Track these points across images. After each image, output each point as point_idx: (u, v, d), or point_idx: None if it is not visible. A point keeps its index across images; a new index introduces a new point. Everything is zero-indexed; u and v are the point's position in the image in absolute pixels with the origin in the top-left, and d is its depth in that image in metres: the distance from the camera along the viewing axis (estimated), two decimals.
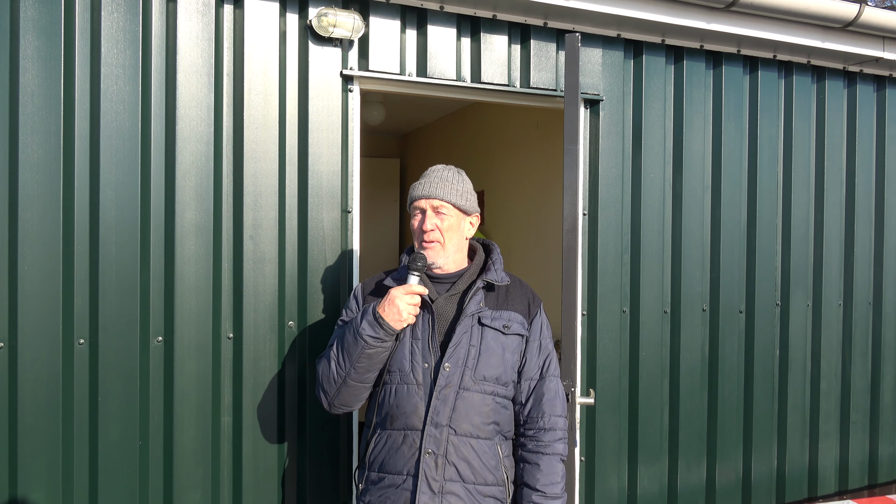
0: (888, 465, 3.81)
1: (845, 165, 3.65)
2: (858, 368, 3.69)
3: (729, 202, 3.34)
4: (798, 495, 3.55)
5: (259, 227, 2.51)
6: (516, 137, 4.15)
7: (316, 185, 2.59)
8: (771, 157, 3.44)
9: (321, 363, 1.92)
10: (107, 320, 2.32)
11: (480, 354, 1.85)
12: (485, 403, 1.85)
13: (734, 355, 3.37)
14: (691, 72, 3.25)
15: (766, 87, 3.42)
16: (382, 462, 1.86)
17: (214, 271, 2.46)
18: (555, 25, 2.95)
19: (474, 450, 1.83)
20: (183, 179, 2.41)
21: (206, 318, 2.45)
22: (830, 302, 3.61)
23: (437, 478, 1.79)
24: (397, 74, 2.70)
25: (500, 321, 1.90)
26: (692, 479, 3.29)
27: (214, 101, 2.45)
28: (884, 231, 3.74)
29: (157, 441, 2.40)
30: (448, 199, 1.89)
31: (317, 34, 2.56)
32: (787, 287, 3.50)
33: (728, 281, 3.35)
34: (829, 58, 3.48)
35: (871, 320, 3.73)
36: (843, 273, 3.65)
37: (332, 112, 2.61)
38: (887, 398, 3.78)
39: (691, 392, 3.27)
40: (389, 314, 1.79)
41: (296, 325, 2.58)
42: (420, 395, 1.82)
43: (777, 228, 3.47)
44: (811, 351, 3.57)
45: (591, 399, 2.14)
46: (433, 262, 1.90)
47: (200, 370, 2.44)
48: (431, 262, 1.89)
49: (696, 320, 3.28)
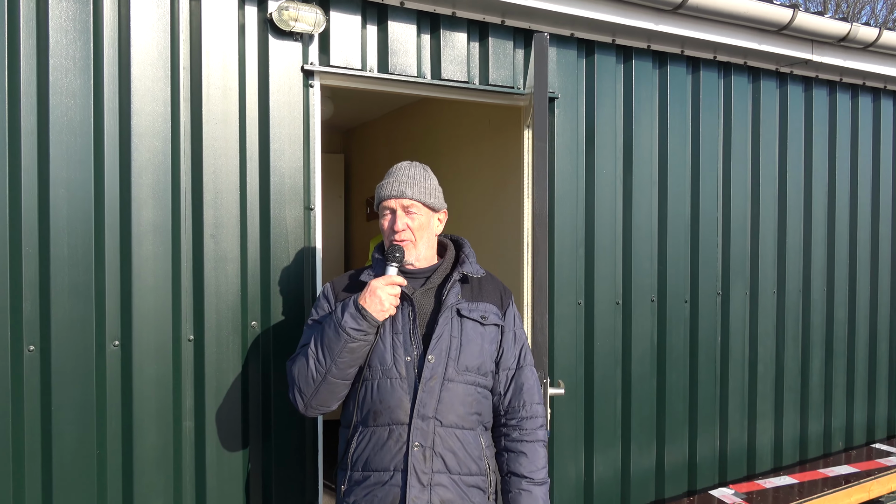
0: (815, 442, 4.08)
1: (777, 162, 3.87)
2: (790, 352, 3.94)
3: (674, 197, 3.49)
4: (738, 473, 3.76)
5: (220, 225, 2.44)
6: (467, 133, 4.18)
7: (278, 182, 2.54)
8: (712, 154, 3.61)
9: (296, 364, 1.89)
10: (59, 325, 2.21)
11: (462, 345, 1.87)
12: (468, 394, 1.88)
13: (680, 343, 3.53)
14: (639, 71, 3.37)
15: (707, 86, 3.59)
16: (367, 460, 1.85)
17: (174, 271, 2.38)
18: (512, 24, 2.99)
19: (459, 440, 1.86)
20: (139, 176, 2.31)
21: (166, 320, 2.37)
22: (766, 290, 3.83)
23: (425, 470, 1.81)
24: (359, 70, 2.68)
25: (478, 312, 1.93)
26: (644, 462, 3.43)
27: (171, 96, 2.36)
28: (811, 223, 4.00)
29: (116, 449, 2.31)
30: (417, 198, 1.91)
31: (277, 28, 2.50)
32: (727, 277, 3.68)
33: (674, 272, 3.50)
34: (764, 59, 3.67)
35: (801, 307, 3.98)
36: (776, 263, 3.87)
37: (294, 108, 2.56)
38: (815, 379, 4.05)
39: (642, 379, 3.41)
40: (372, 305, 1.79)
41: (259, 325, 2.53)
42: (404, 389, 1.83)
43: (718, 221, 3.65)
44: (749, 337, 3.78)
45: (561, 390, 2.20)
46: (405, 260, 1.91)
47: (160, 374, 2.36)
48: (406, 258, 1.90)
49: (646, 310, 3.42)
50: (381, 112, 5.12)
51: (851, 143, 4.16)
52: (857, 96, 4.16)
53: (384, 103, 4.77)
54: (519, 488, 1.91)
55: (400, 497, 1.79)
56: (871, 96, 4.22)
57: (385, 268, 1.87)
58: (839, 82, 4.06)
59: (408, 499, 1.78)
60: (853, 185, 4.18)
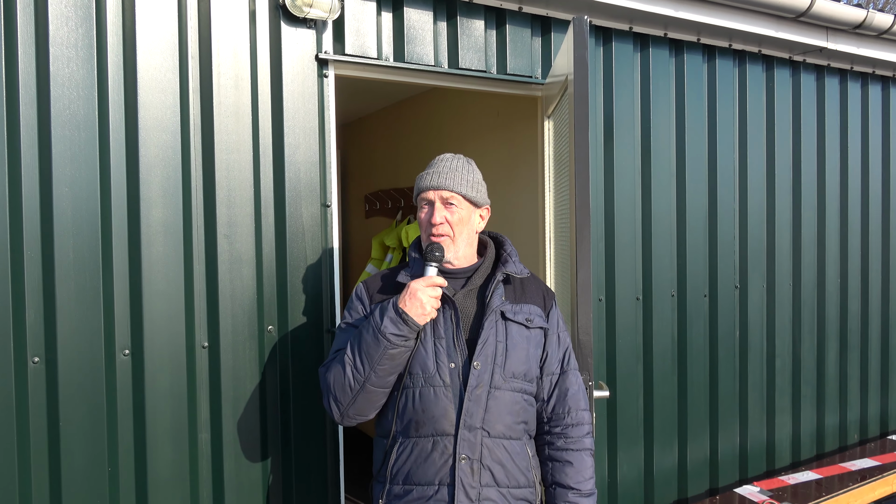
0: (832, 435, 4.03)
1: (791, 152, 3.80)
2: (807, 345, 3.88)
3: (693, 189, 3.40)
4: (758, 469, 3.69)
5: (234, 224, 2.30)
6: (473, 126, 4.06)
7: (293, 178, 2.40)
8: (728, 145, 3.53)
9: (331, 371, 1.76)
10: (65, 334, 2.05)
11: (507, 350, 1.76)
12: (515, 402, 1.76)
13: (700, 338, 3.45)
14: (656, 60, 3.27)
15: (723, 75, 3.50)
16: (408, 473, 1.72)
17: (186, 274, 2.23)
18: (530, 10, 2.88)
19: (507, 451, 1.74)
20: (148, 173, 2.16)
21: (179, 326, 2.22)
22: (782, 283, 3.76)
23: (473, 484, 1.69)
24: (374, 59, 2.55)
25: (522, 315, 1.81)
26: (666, 461, 3.34)
27: (180, 87, 2.21)
28: (825, 214, 3.94)
29: (128, 465, 2.16)
30: (458, 191, 1.78)
31: (290, 14, 2.36)
32: (744, 270, 3.61)
33: (694, 266, 3.41)
34: (778, 47, 3.60)
35: (815, 299, 3.92)
36: (791, 255, 3.81)
37: (308, 98, 2.43)
38: (831, 371, 3.99)
39: (664, 375, 3.32)
40: (412, 308, 1.66)
41: (276, 330, 2.39)
42: (449, 398, 1.71)
43: (735, 213, 3.57)
44: (766, 331, 3.71)
45: (605, 392, 2.09)
46: (444, 258, 1.78)
47: (174, 385, 2.21)
48: (448, 257, 1.78)
49: (666, 306, 3.33)
50: (379, 105, 4.97)
51: (862, 133, 4.11)
52: (867, 85, 4.11)
53: (384, 96, 4.63)
54: (565, 500, 1.80)
55: None
56: (880, 85, 4.17)
57: (424, 268, 1.75)
58: (850, 70, 4.00)
59: None
60: (864, 176, 4.13)
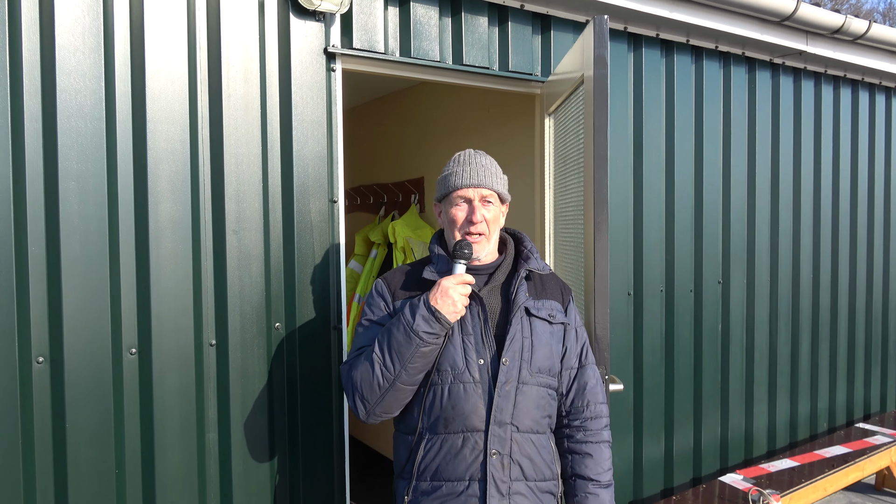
0: (804, 424, 4.20)
1: (770, 152, 3.93)
2: (783, 337, 4.02)
3: (681, 187, 3.48)
4: (737, 458, 3.82)
5: (243, 220, 2.25)
6: (461, 121, 4.06)
7: (302, 173, 2.37)
8: (713, 144, 3.63)
9: (357, 370, 1.75)
10: (71, 333, 1.98)
11: (533, 346, 1.78)
12: (541, 397, 1.79)
13: (687, 332, 3.54)
14: (649, 60, 3.33)
15: (710, 76, 3.59)
16: (437, 469, 1.73)
17: (195, 271, 2.18)
18: (531, 8, 2.89)
19: (535, 445, 1.77)
20: (156, 167, 2.10)
21: (187, 324, 2.17)
22: (761, 279, 3.89)
23: (504, 479, 1.71)
24: (381, 54, 2.53)
25: (545, 311, 1.84)
26: (654, 452, 3.43)
27: (189, 78, 2.15)
28: (800, 212, 4.09)
29: (135, 467, 2.10)
30: (495, 188, 1.80)
31: (299, 6, 2.32)
32: (727, 266, 3.72)
33: (681, 262, 3.50)
34: (761, 50, 3.71)
35: (791, 294, 4.07)
36: (770, 251, 3.94)
37: (317, 92, 2.39)
38: (804, 363, 4.16)
39: (652, 369, 3.40)
40: (444, 306, 1.67)
41: (283, 327, 2.36)
42: (479, 394, 1.72)
43: (719, 211, 3.67)
44: (746, 324, 3.84)
45: (620, 386, 2.13)
46: (476, 255, 1.79)
47: (182, 383, 2.16)
48: (476, 254, 1.79)
49: (656, 301, 3.41)
50: (363, 100, 4.93)
51: (833, 134, 4.27)
52: (838, 88, 4.27)
53: (368, 91, 4.59)
54: (585, 492, 1.84)
55: None
56: (850, 88, 4.34)
57: (453, 265, 1.75)
58: (824, 74, 4.16)
59: None
60: (835, 175, 4.29)
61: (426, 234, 4.28)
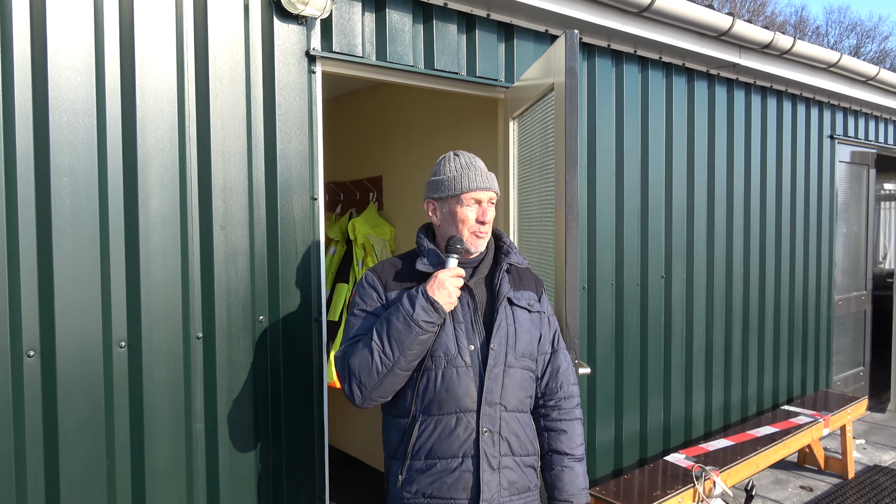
0: (736, 408, 4.55)
1: (707, 157, 4.25)
2: (718, 328, 4.36)
3: (629, 188, 3.74)
4: (678, 440, 4.12)
5: (229, 216, 2.32)
6: (421, 123, 4.19)
7: (285, 171, 2.45)
8: (658, 148, 3.90)
9: (355, 357, 1.84)
10: (62, 328, 2.01)
11: (517, 333, 1.94)
12: (524, 378, 1.96)
13: (634, 323, 3.80)
14: (601, 68, 3.57)
15: (654, 84, 3.86)
16: (431, 448, 1.86)
17: (183, 266, 2.23)
18: (496, 17, 3.06)
19: (520, 423, 1.93)
20: (146, 163, 2.15)
21: (176, 318, 2.22)
22: (699, 273, 4.20)
23: (495, 454, 1.86)
24: (359, 57, 2.64)
25: (525, 300, 2.01)
26: (606, 436, 3.67)
27: (177, 76, 2.20)
28: (732, 211, 4.43)
29: (125, 458, 2.14)
30: (497, 191, 1.97)
31: (283, 10, 2.41)
32: (669, 261, 4.01)
33: (629, 258, 3.75)
34: (699, 61, 4.02)
35: (724, 287, 4.41)
36: (706, 248, 4.26)
37: (300, 93, 2.48)
38: (736, 352, 4.51)
39: (605, 358, 3.64)
40: (441, 296, 1.81)
41: (266, 320, 2.43)
42: (471, 377, 1.86)
43: (662, 210, 3.95)
44: (686, 315, 4.14)
45: (587, 370, 2.32)
46: (475, 250, 1.94)
47: (171, 376, 2.21)
48: (475, 249, 1.94)
49: (607, 294, 3.65)
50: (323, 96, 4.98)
51: (761, 140, 4.65)
52: (765, 98, 4.65)
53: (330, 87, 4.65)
54: (562, 465, 2.01)
55: (473, 481, 1.83)
56: (776, 98, 4.73)
57: (447, 259, 1.89)
58: (753, 85, 4.52)
59: (482, 482, 1.83)
60: (762, 178, 4.67)
61: (385, 231, 4.40)
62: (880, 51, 28.80)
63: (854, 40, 29.12)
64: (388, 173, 4.49)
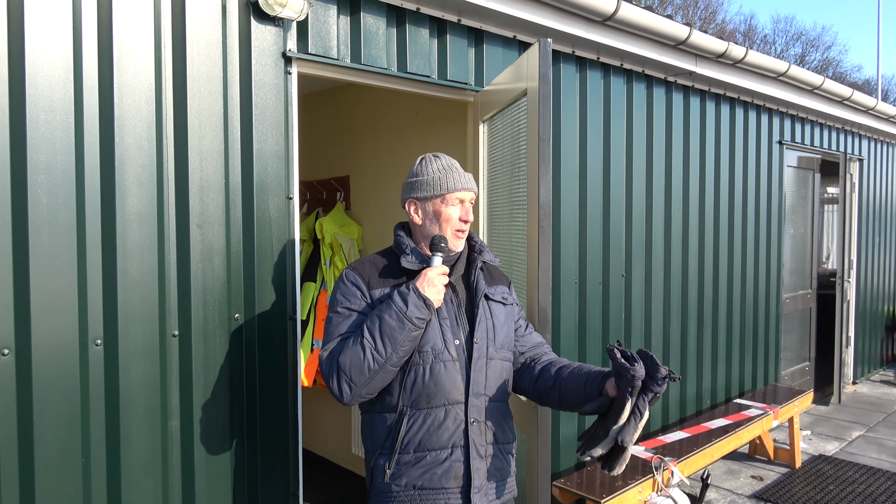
0: (692, 401, 4.74)
1: (664, 160, 4.42)
2: (674, 325, 4.53)
3: (592, 190, 3.87)
4: None
5: (206, 214, 2.34)
6: (389, 123, 4.24)
7: (262, 171, 2.48)
8: (619, 151, 4.05)
9: (345, 354, 1.86)
10: (38, 326, 2.00)
11: (495, 326, 2.03)
12: (504, 369, 2.05)
13: (596, 320, 3.94)
14: (566, 74, 3.68)
15: (616, 90, 4.01)
16: (420, 441, 1.92)
17: (160, 264, 2.24)
18: (467, 23, 3.14)
19: (501, 412, 2.02)
20: (123, 162, 2.15)
21: (152, 315, 2.23)
22: (657, 272, 4.37)
23: (482, 443, 1.95)
24: (334, 60, 2.68)
25: (499, 294, 2.10)
26: (568, 430, 3.79)
27: (155, 74, 2.21)
28: (688, 213, 4.62)
29: (101, 455, 2.14)
30: (476, 192, 2.05)
31: (260, 11, 2.44)
32: (629, 261, 4.16)
33: (592, 257, 3.88)
34: (658, 69, 4.18)
35: (681, 286, 4.59)
36: (664, 248, 4.43)
37: (277, 94, 2.51)
38: (691, 348, 4.70)
39: (568, 353, 3.75)
40: (431, 293, 1.88)
41: (242, 318, 2.46)
42: (457, 370, 1.94)
43: (623, 211, 4.10)
44: (645, 313, 4.30)
45: None
46: (456, 249, 2.02)
47: (147, 374, 2.22)
48: (456, 248, 2.01)
49: (571, 292, 3.77)
50: None
51: (715, 145, 4.85)
52: (720, 105, 4.85)
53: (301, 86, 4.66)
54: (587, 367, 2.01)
55: (464, 470, 1.90)
56: (729, 105, 4.95)
57: (432, 257, 1.95)
58: (708, 92, 4.72)
59: (472, 470, 1.91)
60: (716, 181, 4.88)
61: (353, 230, 4.43)
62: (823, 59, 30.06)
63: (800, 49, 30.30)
64: (356, 173, 4.53)
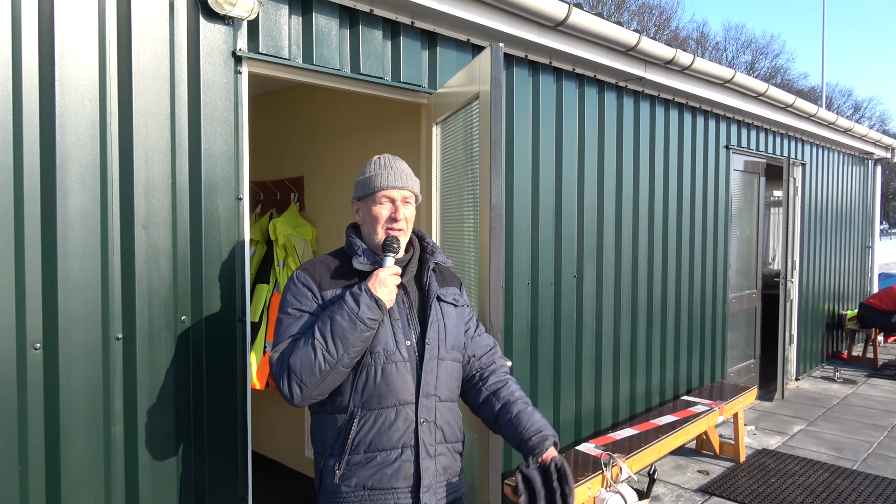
0: (641, 399, 4.86)
1: (615, 163, 4.51)
2: (624, 324, 4.64)
3: (544, 192, 3.93)
4: (589, 430, 4.36)
5: (151, 214, 2.30)
6: (344, 124, 4.23)
7: (210, 171, 2.45)
8: (571, 154, 4.12)
9: (296, 355, 1.85)
10: None
11: (447, 328, 2.05)
12: (454, 370, 2.07)
13: (548, 320, 4.00)
14: (518, 77, 3.73)
15: (568, 94, 4.08)
16: (371, 442, 1.92)
17: (102, 265, 2.19)
18: (420, 25, 3.16)
19: (451, 412, 2.04)
20: (65, 161, 2.10)
21: (94, 318, 2.18)
22: (608, 272, 4.46)
23: (432, 443, 1.96)
24: (286, 59, 2.66)
25: (451, 296, 2.12)
26: None
27: (99, 72, 2.16)
28: (638, 215, 4.73)
29: (39, 463, 2.08)
30: (414, 191, 2.04)
31: (209, 10, 2.40)
32: (581, 262, 4.24)
33: (544, 258, 3.95)
34: (609, 74, 4.27)
35: (631, 286, 4.70)
36: (615, 249, 4.53)
37: (226, 93, 2.48)
38: (641, 346, 4.81)
39: (521, 354, 3.81)
40: (383, 294, 1.88)
41: (189, 320, 2.42)
42: (408, 370, 1.94)
43: (575, 213, 4.17)
44: (596, 313, 4.39)
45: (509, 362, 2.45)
46: (398, 250, 2.02)
47: (89, 378, 2.17)
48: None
49: (524, 293, 3.82)
50: None
51: (664, 149, 4.98)
52: (669, 110, 4.98)
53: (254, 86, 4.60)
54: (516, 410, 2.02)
55: (413, 470, 1.92)
56: (678, 110, 5.09)
57: (384, 258, 1.95)
58: (657, 97, 4.84)
59: (421, 470, 1.92)
60: (665, 184, 5.01)
61: (306, 231, 4.40)
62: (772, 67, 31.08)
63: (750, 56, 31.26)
64: (310, 174, 4.50)
